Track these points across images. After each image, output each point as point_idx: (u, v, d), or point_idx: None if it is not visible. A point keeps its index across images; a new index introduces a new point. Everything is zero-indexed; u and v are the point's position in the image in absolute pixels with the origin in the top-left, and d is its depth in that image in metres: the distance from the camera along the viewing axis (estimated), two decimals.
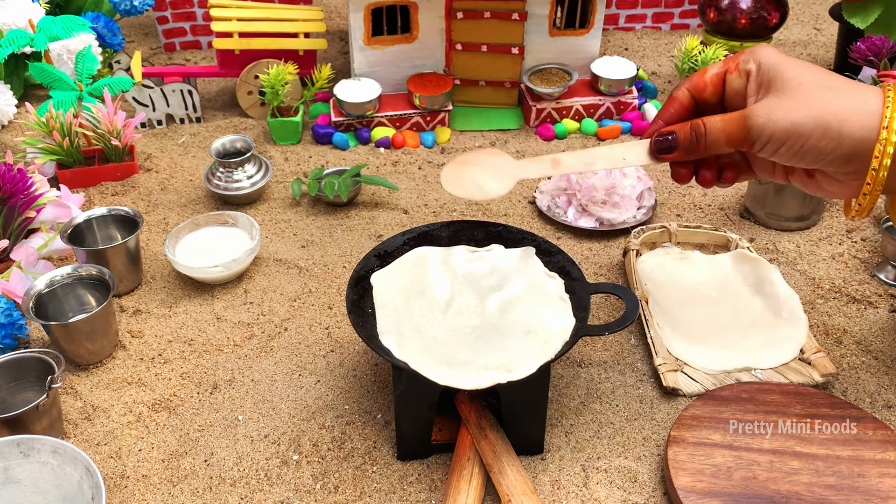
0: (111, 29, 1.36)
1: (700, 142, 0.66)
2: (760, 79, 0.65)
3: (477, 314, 0.74)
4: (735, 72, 0.67)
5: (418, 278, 0.78)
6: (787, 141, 0.62)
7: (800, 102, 0.62)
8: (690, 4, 1.58)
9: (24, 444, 0.68)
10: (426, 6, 1.21)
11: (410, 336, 0.72)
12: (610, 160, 0.68)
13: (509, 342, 0.71)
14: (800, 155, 0.62)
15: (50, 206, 0.98)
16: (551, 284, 0.77)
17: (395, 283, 0.77)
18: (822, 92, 0.62)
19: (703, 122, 0.66)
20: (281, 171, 1.18)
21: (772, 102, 0.63)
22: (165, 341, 0.89)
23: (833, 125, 0.60)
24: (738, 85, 0.67)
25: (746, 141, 0.64)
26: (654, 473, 0.73)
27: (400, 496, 0.72)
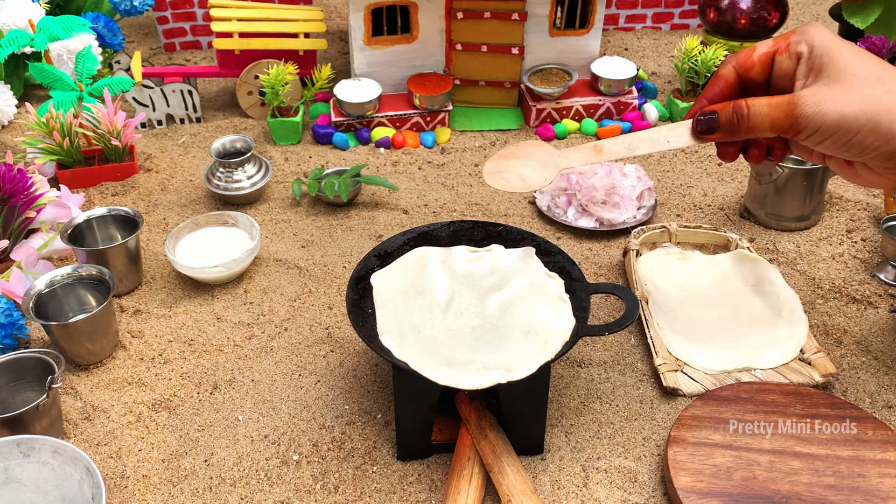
0: (111, 29, 1.36)
1: (742, 124, 0.64)
2: (812, 62, 0.63)
3: (477, 314, 0.74)
4: (785, 53, 0.65)
5: (418, 278, 0.78)
6: (834, 134, 0.60)
7: (852, 94, 0.60)
8: (690, 4, 1.58)
9: (25, 444, 0.68)
10: (426, 6, 1.21)
11: (410, 336, 0.72)
12: (654, 143, 0.67)
13: (509, 342, 0.71)
14: (845, 148, 0.61)
15: (50, 206, 0.98)
16: (551, 284, 0.77)
17: (394, 282, 0.77)
18: (875, 86, 0.60)
19: (746, 104, 0.64)
20: (281, 171, 1.18)
21: (822, 91, 0.61)
22: (165, 341, 0.89)
23: (884, 122, 0.59)
24: (787, 66, 0.65)
25: (793, 128, 0.62)
26: (654, 473, 0.73)
27: (400, 496, 0.72)
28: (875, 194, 1.09)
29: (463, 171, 1.18)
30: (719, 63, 1.22)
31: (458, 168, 1.18)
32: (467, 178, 1.16)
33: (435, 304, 0.75)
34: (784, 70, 0.65)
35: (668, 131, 0.67)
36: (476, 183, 1.15)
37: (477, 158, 1.20)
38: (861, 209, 1.06)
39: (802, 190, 1.00)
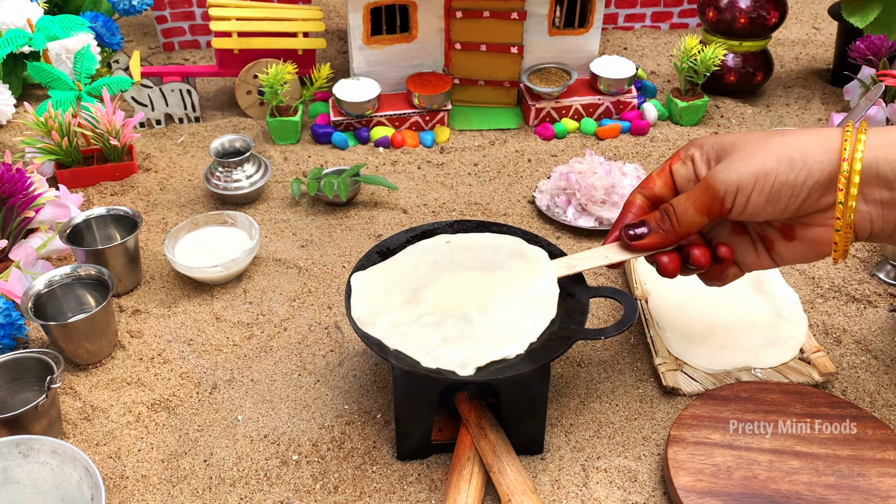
0: (110, 28, 1.36)
1: (671, 218, 0.65)
2: (706, 156, 0.66)
3: (465, 298, 0.72)
4: (678, 161, 0.68)
5: (397, 269, 0.76)
6: (755, 184, 0.60)
7: (754, 149, 0.62)
8: (689, 4, 1.58)
9: (24, 444, 0.68)
10: (425, 6, 1.21)
11: (390, 325, 0.70)
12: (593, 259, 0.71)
13: (497, 325, 0.70)
14: (775, 195, 0.60)
15: (49, 205, 0.98)
16: (536, 262, 0.75)
17: (374, 280, 0.75)
18: (772, 137, 0.62)
19: (669, 202, 0.66)
20: (280, 170, 1.17)
21: (727, 162, 0.62)
22: (165, 341, 0.89)
23: (796, 157, 0.59)
24: (685, 172, 0.67)
25: (715, 200, 0.62)
26: (654, 473, 0.73)
27: (400, 496, 0.72)
28: None
29: (462, 170, 1.17)
30: (718, 62, 1.22)
31: (457, 167, 1.18)
32: (466, 177, 1.16)
33: (417, 294, 0.73)
34: (684, 176, 0.67)
35: (605, 250, 0.70)
36: (475, 182, 1.15)
37: (476, 158, 1.20)
38: None
39: None
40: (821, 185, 0.60)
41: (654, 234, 0.66)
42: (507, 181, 1.15)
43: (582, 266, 0.72)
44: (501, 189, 1.13)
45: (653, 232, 0.66)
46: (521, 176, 1.16)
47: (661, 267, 0.67)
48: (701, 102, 1.26)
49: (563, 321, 0.72)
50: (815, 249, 0.64)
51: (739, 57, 1.32)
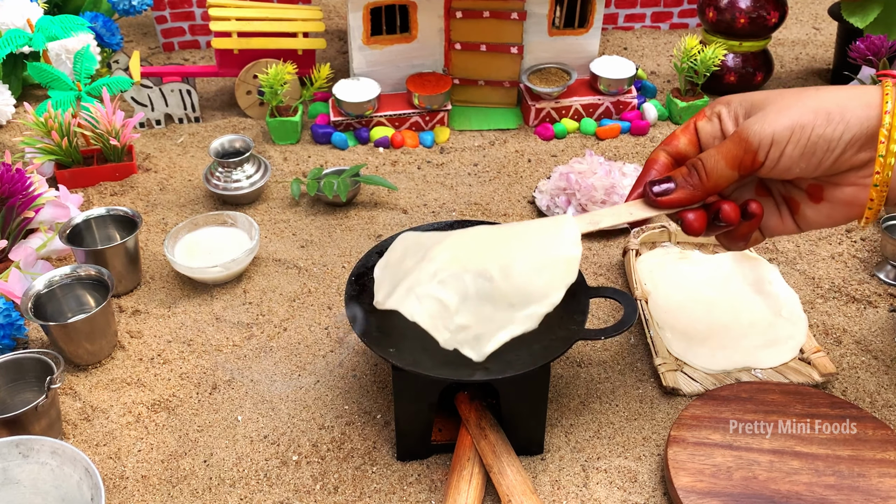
0: (109, 29, 1.36)
1: (700, 172, 0.62)
2: (734, 113, 0.63)
3: (483, 253, 0.68)
4: (704, 118, 0.65)
5: (407, 240, 0.73)
6: (791, 137, 0.58)
7: (788, 102, 0.59)
8: (689, 4, 1.58)
9: (23, 444, 0.68)
10: (425, 6, 1.21)
11: (406, 290, 0.67)
12: (616, 216, 0.66)
13: (517, 286, 0.66)
14: (810, 149, 0.58)
15: (48, 206, 0.98)
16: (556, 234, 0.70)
17: (390, 259, 0.73)
18: (806, 91, 0.59)
19: (697, 157, 0.63)
20: (280, 170, 1.17)
21: (760, 115, 0.60)
22: (164, 341, 0.89)
23: (834, 111, 0.57)
24: (710, 129, 0.65)
25: (748, 152, 0.59)
26: (654, 473, 0.73)
27: (400, 496, 0.72)
28: None
29: (462, 170, 1.17)
30: (718, 62, 1.22)
31: (457, 167, 1.18)
32: (466, 177, 1.16)
33: (433, 265, 0.69)
34: (709, 133, 0.65)
35: (628, 206, 0.66)
36: (475, 182, 1.15)
37: (476, 158, 1.20)
38: None
39: None
40: (857, 141, 0.57)
41: (681, 190, 0.63)
42: (507, 181, 1.15)
43: (605, 223, 0.66)
44: (501, 189, 1.13)
45: (680, 187, 0.63)
46: (521, 176, 1.16)
47: (686, 224, 0.64)
48: (701, 102, 1.26)
49: (563, 321, 0.72)
50: (844, 211, 0.62)
51: (739, 57, 1.32)
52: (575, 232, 0.66)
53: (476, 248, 0.67)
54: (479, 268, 0.65)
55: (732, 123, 0.63)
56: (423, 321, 0.64)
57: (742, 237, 0.66)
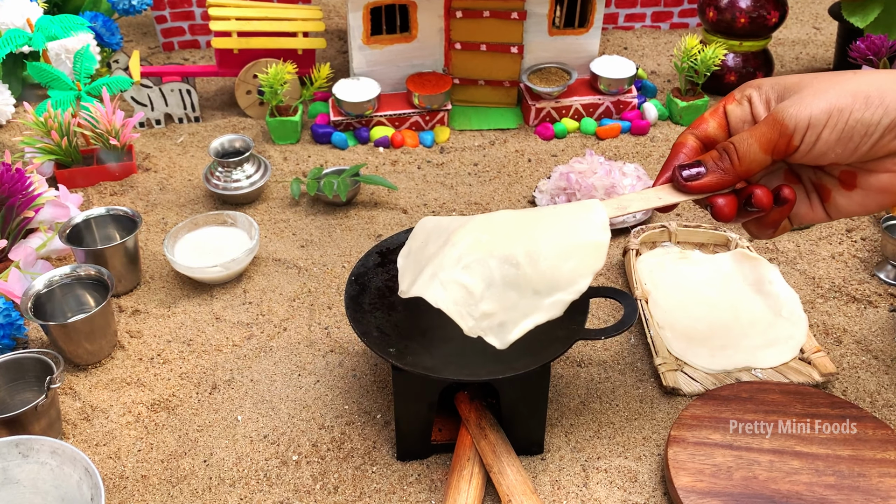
0: (109, 28, 1.36)
1: (733, 157, 0.60)
2: (766, 96, 0.62)
3: (508, 237, 0.65)
4: (734, 101, 0.63)
5: (426, 225, 0.71)
6: (828, 120, 0.56)
7: (825, 86, 0.57)
8: (689, 3, 1.58)
9: (23, 444, 0.68)
10: (425, 5, 1.20)
11: (430, 276, 0.64)
12: (645, 200, 0.63)
13: (543, 272, 0.63)
14: (847, 133, 0.56)
15: (48, 205, 0.98)
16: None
17: (412, 247, 0.71)
18: (843, 75, 0.58)
19: (729, 140, 0.61)
20: (280, 170, 1.17)
21: (796, 98, 0.58)
22: (164, 341, 0.89)
23: (873, 95, 0.55)
24: (741, 113, 0.63)
25: (784, 136, 0.57)
26: (654, 473, 0.73)
27: (400, 496, 0.71)
28: None
29: (462, 170, 1.17)
30: (719, 62, 1.22)
31: (457, 167, 1.18)
32: (466, 177, 1.16)
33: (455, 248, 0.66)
34: (739, 118, 0.63)
35: (657, 191, 0.64)
36: (475, 182, 1.15)
37: (476, 157, 1.20)
38: None
39: None
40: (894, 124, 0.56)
41: (712, 174, 0.61)
42: (507, 181, 1.15)
43: (633, 207, 0.63)
44: (501, 189, 1.13)
45: (710, 172, 0.61)
46: (521, 176, 1.16)
47: (716, 210, 0.62)
48: (701, 102, 1.25)
49: (563, 321, 0.72)
50: (878, 199, 0.60)
51: (739, 57, 1.32)
52: (603, 217, 0.63)
53: (500, 232, 0.64)
54: (504, 253, 0.63)
55: (764, 107, 0.62)
56: (447, 308, 0.62)
57: (772, 224, 0.64)
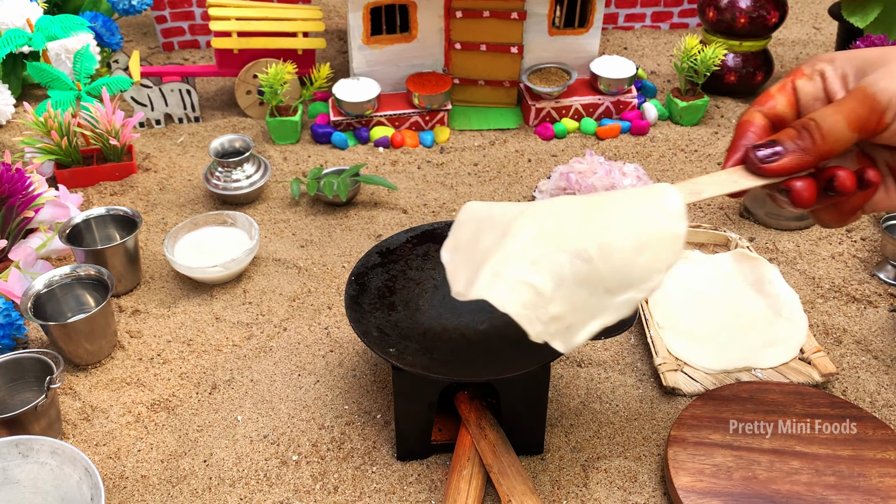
0: (109, 28, 1.36)
1: (815, 135, 0.54)
2: (841, 71, 0.57)
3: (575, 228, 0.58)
4: (804, 77, 0.58)
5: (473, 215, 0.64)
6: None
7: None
8: (689, 3, 1.58)
9: (23, 444, 0.68)
10: (425, 5, 1.20)
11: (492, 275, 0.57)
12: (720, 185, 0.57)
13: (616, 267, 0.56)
14: None
15: (48, 205, 0.98)
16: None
17: (459, 240, 0.63)
18: None
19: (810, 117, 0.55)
20: (280, 170, 1.17)
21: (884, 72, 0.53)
22: (164, 341, 0.89)
23: None
24: (812, 90, 0.58)
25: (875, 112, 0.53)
26: (654, 473, 0.73)
27: (400, 496, 0.71)
28: None
29: (462, 170, 1.17)
30: (718, 62, 1.22)
31: (457, 167, 1.18)
32: (466, 177, 1.16)
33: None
34: (811, 94, 0.58)
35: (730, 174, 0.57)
36: (475, 182, 1.14)
37: (476, 158, 1.20)
38: None
39: None
40: None
41: (792, 154, 0.55)
42: (507, 181, 1.15)
43: (707, 193, 0.57)
44: (501, 189, 1.13)
45: (790, 152, 0.55)
46: (521, 176, 1.16)
47: (794, 195, 0.56)
48: (701, 102, 1.25)
49: None
50: None
51: (739, 57, 1.32)
52: (679, 204, 0.56)
53: (566, 222, 0.58)
54: (575, 247, 0.56)
55: (840, 84, 0.57)
56: (515, 312, 0.56)
57: (852, 210, 0.58)
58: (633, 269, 0.56)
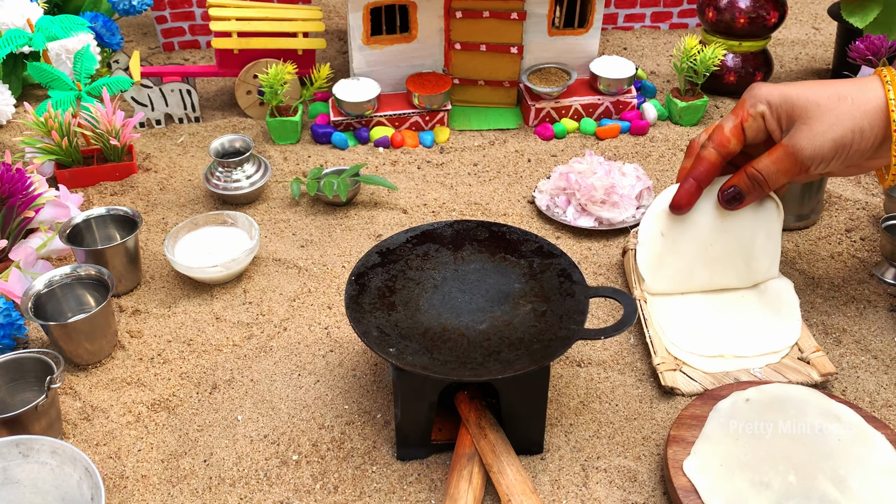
0: (109, 28, 1.36)
1: (763, 185, 0.77)
2: (777, 114, 0.75)
3: (809, 473, 0.69)
4: (749, 119, 0.77)
5: (718, 445, 0.72)
6: (835, 156, 0.72)
7: (830, 121, 0.72)
8: (689, 4, 1.58)
9: (24, 444, 0.68)
10: (425, 6, 1.21)
11: None
12: None
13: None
14: (848, 160, 0.73)
15: (48, 205, 0.98)
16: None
17: (709, 464, 0.70)
18: (840, 104, 0.72)
19: (755, 170, 0.77)
20: (280, 170, 1.17)
21: (806, 131, 0.73)
22: (164, 341, 0.89)
23: (865, 127, 0.71)
24: (756, 127, 0.77)
25: (802, 169, 0.74)
26: (654, 473, 0.73)
27: (400, 496, 0.72)
28: (874, 193, 1.09)
29: (462, 170, 1.17)
30: (718, 62, 1.22)
31: (457, 167, 1.18)
32: (466, 177, 1.16)
33: None
34: (755, 131, 0.77)
35: None
36: (475, 182, 1.15)
37: (476, 158, 1.20)
38: (860, 208, 1.06)
39: (801, 189, 1.00)
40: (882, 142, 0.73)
41: (750, 197, 0.80)
42: (506, 181, 1.15)
43: None
44: (501, 189, 1.13)
45: (749, 196, 0.80)
46: (520, 176, 1.16)
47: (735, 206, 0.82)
48: (701, 102, 1.26)
49: (563, 321, 0.72)
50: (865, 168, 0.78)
51: (739, 57, 1.32)
52: (885, 444, 0.70)
53: (806, 468, 0.69)
54: (818, 490, 0.67)
55: (776, 123, 0.76)
56: None
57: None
58: None
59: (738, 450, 0.70)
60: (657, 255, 0.87)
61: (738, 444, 0.71)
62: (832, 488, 0.67)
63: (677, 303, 0.89)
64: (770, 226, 0.85)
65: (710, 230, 0.85)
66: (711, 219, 0.85)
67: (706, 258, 0.87)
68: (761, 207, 0.84)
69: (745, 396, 0.74)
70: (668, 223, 0.86)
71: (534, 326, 0.72)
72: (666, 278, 0.88)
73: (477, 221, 0.83)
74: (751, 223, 0.85)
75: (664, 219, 0.86)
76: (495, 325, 0.73)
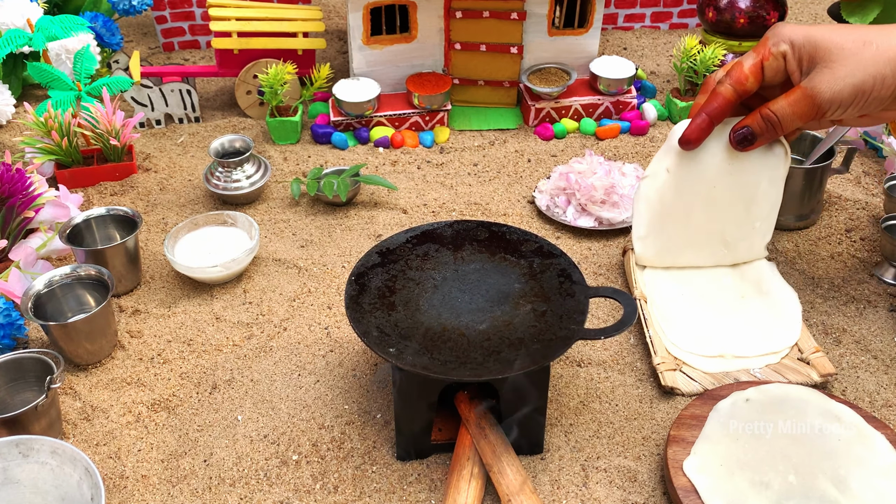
0: (109, 28, 1.36)
1: (776, 127, 0.75)
2: (800, 55, 0.72)
3: (811, 473, 0.69)
4: (770, 57, 0.74)
5: (717, 445, 0.72)
6: (853, 102, 0.70)
7: (852, 66, 0.69)
8: (689, 4, 1.58)
9: (23, 444, 0.68)
10: (425, 6, 1.21)
11: None
12: None
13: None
14: (865, 108, 0.71)
15: (48, 206, 0.98)
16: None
17: (709, 464, 0.71)
18: (865, 49, 0.69)
19: (770, 111, 0.74)
20: (280, 170, 1.17)
21: (827, 74, 0.70)
22: (164, 341, 0.89)
23: (888, 74, 0.69)
24: (776, 67, 0.74)
25: (819, 112, 0.71)
26: (654, 473, 0.73)
27: (400, 496, 0.72)
28: (874, 193, 1.09)
29: (462, 170, 1.17)
30: (718, 63, 1.22)
31: (457, 167, 1.18)
32: (466, 177, 1.16)
33: None
34: (774, 71, 0.74)
35: None
36: (475, 182, 1.15)
37: (476, 158, 1.20)
38: (860, 208, 1.06)
39: (801, 189, 1.00)
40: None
41: (762, 139, 0.77)
42: (506, 181, 1.15)
43: None
44: (501, 189, 1.13)
45: (760, 137, 0.77)
46: (520, 176, 1.16)
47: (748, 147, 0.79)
48: None
49: (563, 321, 0.72)
50: (881, 119, 0.76)
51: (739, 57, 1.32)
52: (886, 445, 0.70)
53: (806, 468, 0.69)
54: (818, 489, 0.67)
55: (796, 65, 0.73)
56: None
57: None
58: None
59: (738, 450, 0.70)
60: (658, 191, 0.86)
61: (738, 444, 0.71)
62: (832, 488, 0.67)
63: (677, 303, 0.89)
64: (775, 172, 0.84)
65: (716, 171, 0.83)
66: (719, 160, 0.83)
67: (708, 199, 0.85)
68: (770, 152, 0.82)
69: (745, 396, 0.74)
70: (676, 160, 0.84)
71: (534, 326, 0.72)
72: (664, 217, 0.87)
73: (477, 221, 0.83)
74: (757, 167, 0.83)
75: (672, 155, 0.84)
76: (495, 325, 0.73)
